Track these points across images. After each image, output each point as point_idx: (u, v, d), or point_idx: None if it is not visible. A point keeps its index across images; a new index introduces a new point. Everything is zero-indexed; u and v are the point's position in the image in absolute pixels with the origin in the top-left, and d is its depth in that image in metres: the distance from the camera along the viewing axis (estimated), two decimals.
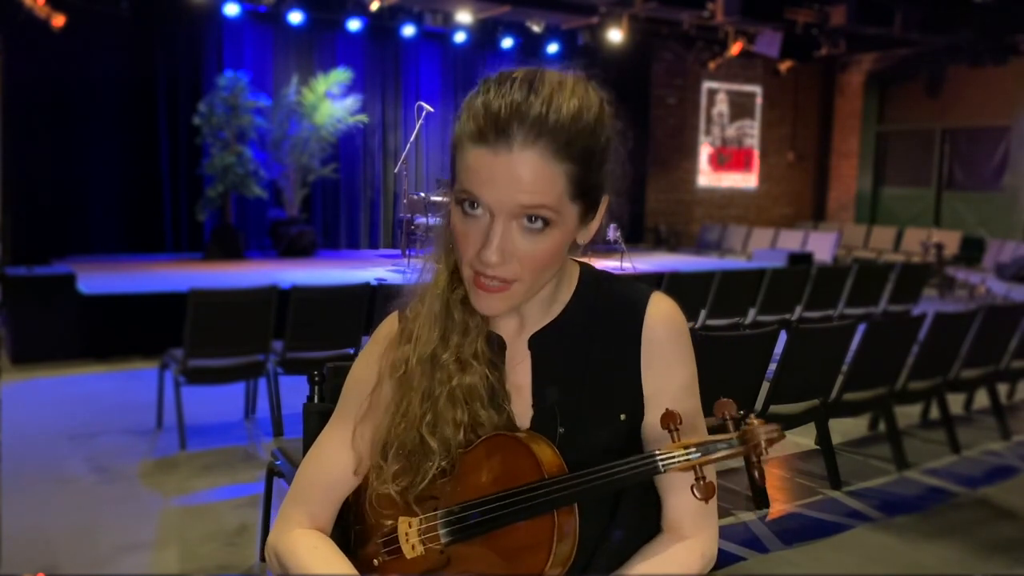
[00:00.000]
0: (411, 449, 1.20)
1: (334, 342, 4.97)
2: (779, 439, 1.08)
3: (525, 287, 1.13)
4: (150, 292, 7.11)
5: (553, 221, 1.10)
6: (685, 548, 1.21)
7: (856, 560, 3.53)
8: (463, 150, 1.11)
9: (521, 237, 1.10)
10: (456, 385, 1.20)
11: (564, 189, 1.10)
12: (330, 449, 1.29)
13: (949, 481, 4.43)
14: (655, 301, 1.25)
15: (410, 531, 1.20)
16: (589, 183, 1.13)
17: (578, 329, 1.24)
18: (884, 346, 4.33)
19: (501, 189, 1.08)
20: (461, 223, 1.12)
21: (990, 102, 13.11)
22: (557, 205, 1.09)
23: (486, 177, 1.08)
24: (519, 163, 1.07)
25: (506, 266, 1.10)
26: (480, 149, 1.08)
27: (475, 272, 1.12)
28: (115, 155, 10.02)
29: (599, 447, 1.19)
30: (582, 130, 1.10)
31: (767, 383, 3.82)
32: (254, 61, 10.65)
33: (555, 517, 1.09)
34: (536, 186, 1.07)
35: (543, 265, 1.13)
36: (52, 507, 3.89)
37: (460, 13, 10.59)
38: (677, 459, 1.07)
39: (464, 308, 1.22)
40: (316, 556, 1.23)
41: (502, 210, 1.08)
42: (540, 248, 1.11)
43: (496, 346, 1.24)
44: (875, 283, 7.33)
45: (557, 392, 1.22)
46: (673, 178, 14.14)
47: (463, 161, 1.11)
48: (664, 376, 1.22)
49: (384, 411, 1.25)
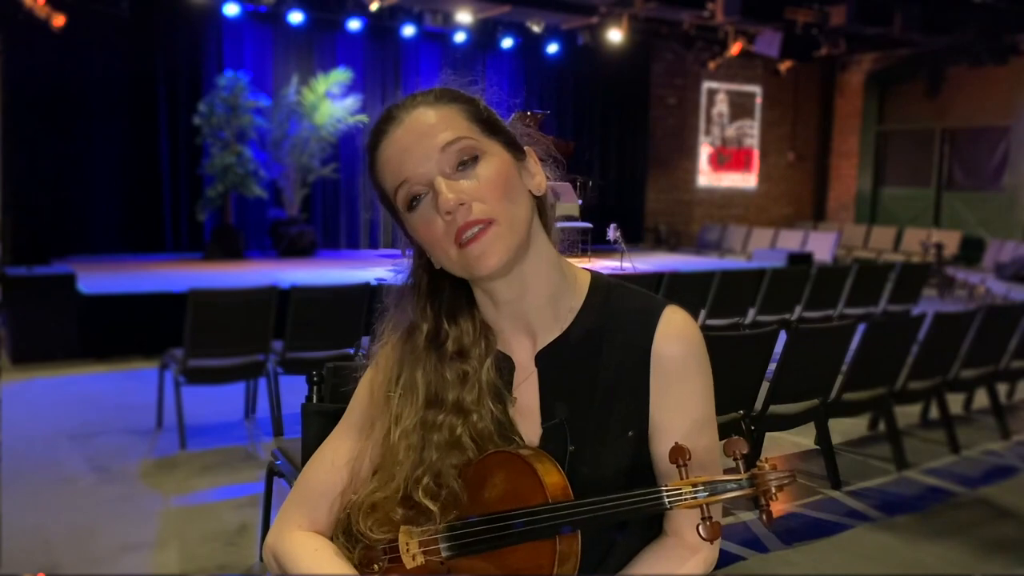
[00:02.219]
0: (394, 516, 1.19)
1: (334, 342, 4.97)
2: (790, 484, 1.05)
3: (505, 220, 1.12)
4: (150, 292, 7.11)
5: (479, 151, 1.14)
6: (687, 551, 1.21)
7: (856, 560, 3.53)
8: (375, 166, 1.17)
9: (463, 179, 1.12)
10: (461, 433, 1.18)
11: (467, 122, 1.15)
12: (333, 456, 1.28)
13: (949, 481, 4.43)
14: (668, 316, 1.20)
15: (411, 542, 1.19)
16: (488, 119, 1.17)
17: (587, 343, 1.21)
18: (884, 346, 4.33)
19: (416, 152, 1.13)
20: (418, 221, 1.15)
21: (990, 102, 13.11)
22: (469, 133, 1.14)
23: (399, 153, 1.14)
24: (411, 123, 1.14)
25: (471, 206, 1.11)
26: (382, 144, 1.15)
27: (455, 243, 1.12)
28: (115, 155, 10.02)
29: (609, 464, 1.18)
30: (442, 90, 1.18)
31: (767, 383, 3.82)
32: (254, 61, 10.65)
33: (556, 543, 1.09)
34: (438, 127, 1.13)
35: (501, 191, 1.13)
36: (52, 507, 3.89)
37: (460, 13, 10.59)
38: (684, 497, 1.05)
39: (457, 360, 1.20)
40: (318, 559, 1.22)
41: (431, 170, 1.12)
42: (484, 176, 1.13)
43: (504, 369, 1.22)
44: (875, 283, 7.33)
45: (566, 409, 1.19)
46: (673, 178, 14.14)
47: (381, 170, 1.16)
48: (677, 409, 1.19)
49: (382, 435, 1.23)
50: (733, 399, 3.72)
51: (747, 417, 3.75)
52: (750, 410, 3.78)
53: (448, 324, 1.22)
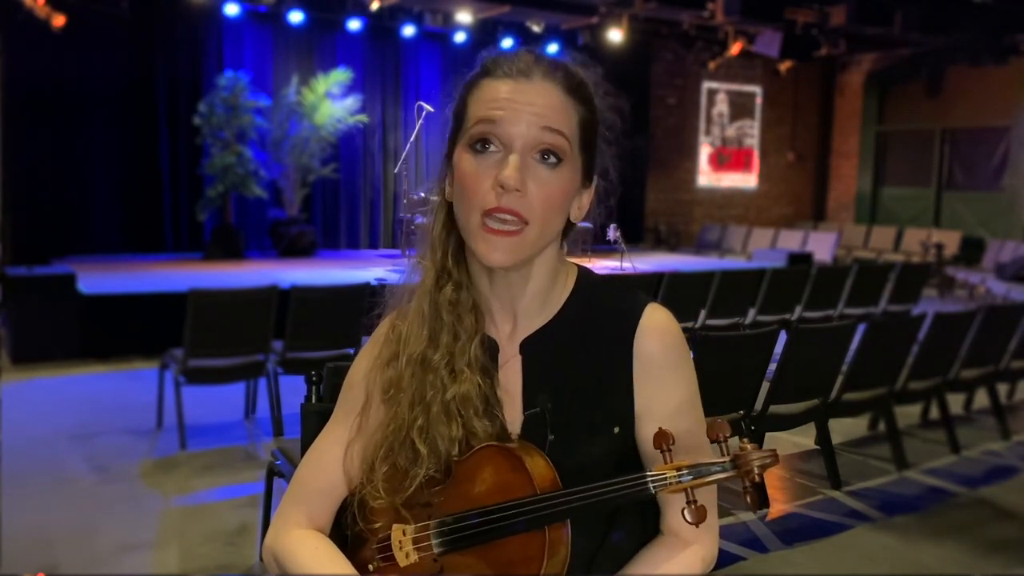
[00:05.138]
0: (400, 453, 1.19)
1: (334, 342, 4.97)
2: (772, 464, 1.06)
3: (535, 234, 1.12)
4: (150, 292, 7.11)
5: (565, 159, 1.13)
6: (685, 551, 1.21)
7: (856, 560, 3.53)
8: (477, 88, 1.15)
9: (537, 169, 1.11)
10: (450, 397, 1.19)
11: (575, 129, 1.14)
12: (327, 451, 1.28)
13: (949, 481, 4.43)
14: (649, 313, 1.21)
15: (404, 539, 1.20)
16: (592, 135, 1.17)
17: (570, 335, 1.22)
18: (884, 346, 4.33)
19: (522, 115, 1.11)
20: (471, 164, 1.13)
21: (990, 102, 13.11)
22: (571, 138, 1.13)
23: (505, 104, 1.11)
24: (539, 91, 1.12)
25: (522, 198, 1.10)
26: (498, 81, 1.13)
27: (485, 214, 1.11)
28: (115, 155, 10.01)
29: (590, 456, 1.18)
30: (586, 82, 1.18)
31: (767, 383, 3.82)
32: (254, 61, 10.65)
33: (546, 533, 1.09)
34: (555, 115, 1.12)
35: (554, 206, 1.13)
36: (52, 507, 3.89)
37: (460, 13, 10.59)
38: (668, 481, 1.06)
39: (452, 311, 1.21)
40: (317, 558, 1.22)
41: (519, 138, 1.11)
42: (553, 185, 1.12)
43: (489, 350, 1.23)
44: (875, 283, 7.33)
45: (547, 399, 1.20)
46: (673, 178, 14.14)
47: (478, 96, 1.14)
48: (659, 394, 1.20)
49: (376, 423, 1.24)
50: (733, 399, 3.72)
51: (747, 417, 3.75)
52: (750, 410, 3.78)
53: (454, 267, 1.22)
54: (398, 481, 1.19)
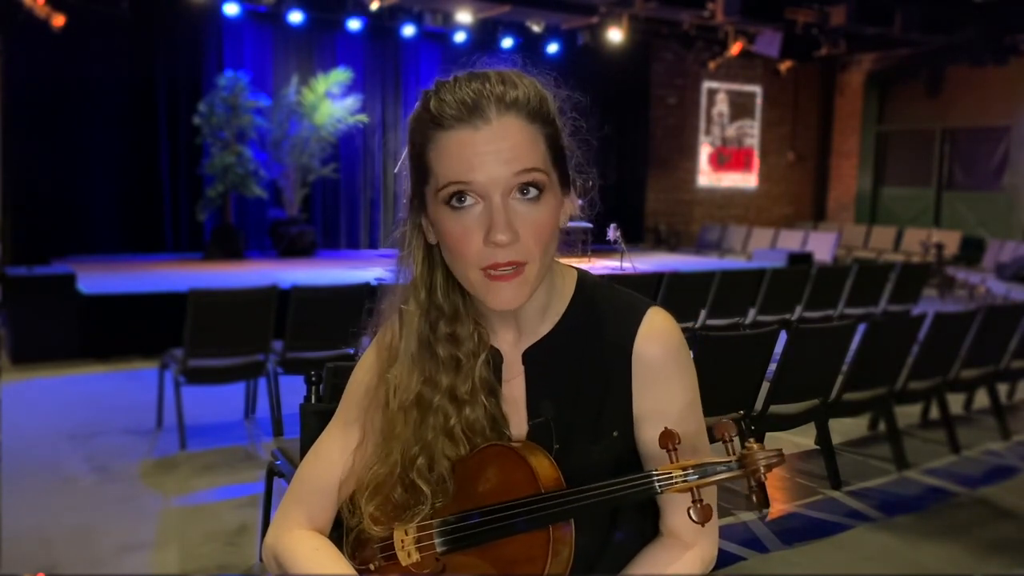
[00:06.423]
0: (395, 490, 1.19)
1: (334, 342, 4.95)
2: (778, 464, 1.06)
3: (537, 266, 1.11)
4: (150, 292, 7.12)
5: (545, 187, 1.10)
6: (686, 553, 1.21)
7: (856, 560, 3.53)
8: (433, 143, 1.11)
9: (521, 209, 1.09)
10: (455, 424, 1.18)
11: (545, 153, 1.11)
12: (329, 452, 1.28)
13: (949, 481, 4.42)
14: (650, 317, 1.20)
15: (406, 539, 1.19)
16: (560, 145, 1.14)
17: (572, 342, 1.21)
18: (884, 346, 4.33)
19: (490, 164, 1.07)
20: (453, 223, 1.09)
21: (990, 102, 13.11)
22: (544, 167, 1.10)
23: (471, 156, 1.08)
24: (501, 131, 1.08)
25: (517, 244, 1.08)
26: (458, 131, 1.08)
27: (485, 267, 1.09)
28: (115, 155, 10.02)
29: (594, 462, 1.18)
30: (542, 96, 1.13)
31: (767, 383, 3.82)
32: (254, 61, 10.65)
33: (550, 532, 1.09)
34: (523, 150, 1.08)
35: (546, 236, 1.11)
36: (52, 507, 3.89)
37: (460, 13, 10.59)
38: (674, 480, 1.06)
39: (450, 343, 1.19)
40: (317, 558, 1.22)
41: (496, 187, 1.07)
42: (541, 216, 1.10)
43: (493, 363, 1.22)
44: (875, 283, 7.33)
45: (552, 407, 1.20)
46: (673, 178, 14.14)
47: (437, 152, 1.10)
48: (660, 398, 1.19)
49: (370, 455, 1.23)
50: (733, 399, 3.72)
51: (747, 417, 3.75)
52: (750, 410, 3.78)
53: (444, 300, 1.19)
54: (394, 511, 1.19)
